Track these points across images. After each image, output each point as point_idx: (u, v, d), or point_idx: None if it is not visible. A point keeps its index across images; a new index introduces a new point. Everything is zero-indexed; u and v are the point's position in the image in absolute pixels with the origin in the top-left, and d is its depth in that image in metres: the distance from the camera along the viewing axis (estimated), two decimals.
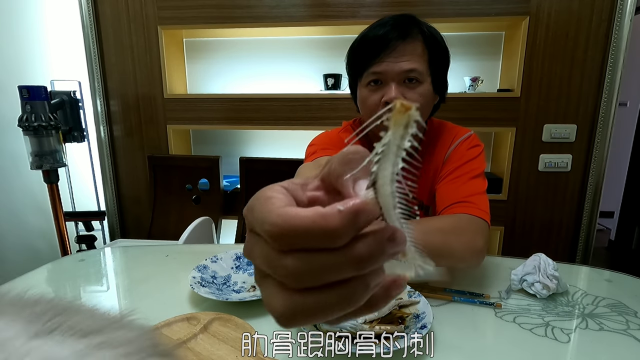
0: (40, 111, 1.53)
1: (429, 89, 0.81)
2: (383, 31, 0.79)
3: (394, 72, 0.78)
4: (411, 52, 0.78)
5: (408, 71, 0.78)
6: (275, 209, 0.17)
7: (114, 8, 1.89)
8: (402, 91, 0.79)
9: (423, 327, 0.57)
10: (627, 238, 2.70)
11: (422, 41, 0.79)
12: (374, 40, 0.80)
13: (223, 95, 1.95)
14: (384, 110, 0.18)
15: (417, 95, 0.79)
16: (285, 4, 1.77)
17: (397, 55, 0.77)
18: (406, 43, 0.78)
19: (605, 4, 1.60)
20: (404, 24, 0.79)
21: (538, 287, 0.72)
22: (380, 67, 0.78)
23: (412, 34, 0.78)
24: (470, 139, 0.91)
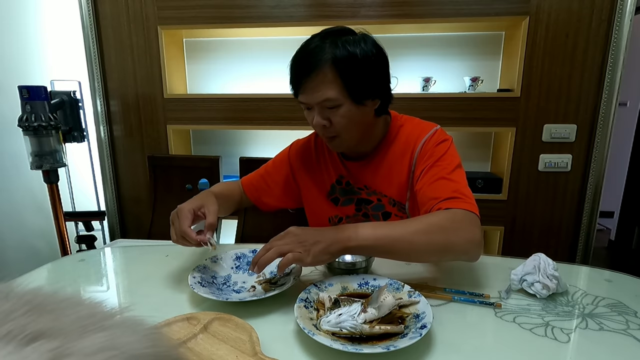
0: (40, 111, 1.53)
1: (350, 108, 0.83)
2: (299, 62, 0.84)
3: (312, 103, 0.84)
4: (321, 83, 0.81)
5: (322, 102, 0.82)
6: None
7: (114, 8, 1.89)
8: (325, 116, 0.84)
9: (423, 327, 0.57)
10: (627, 238, 2.70)
11: (332, 68, 0.80)
12: (292, 77, 0.85)
13: (223, 95, 1.95)
14: None
15: (339, 118, 0.84)
16: (285, 4, 1.77)
17: (309, 90, 0.82)
18: (313, 77, 0.81)
19: (605, 4, 1.61)
20: (313, 54, 0.81)
21: (538, 287, 0.72)
22: (302, 99, 0.85)
23: (319, 64, 0.80)
24: (436, 134, 0.92)
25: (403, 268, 0.86)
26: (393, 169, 0.94)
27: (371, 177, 0.96)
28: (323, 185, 1.02)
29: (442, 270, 0.86)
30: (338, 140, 0.89)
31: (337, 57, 0.79)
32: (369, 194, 0.97)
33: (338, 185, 1.01)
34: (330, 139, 0.89)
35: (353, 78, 0.81)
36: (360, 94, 0.83)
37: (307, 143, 1.06)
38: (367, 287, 0.73)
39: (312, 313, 0.65)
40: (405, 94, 1.78)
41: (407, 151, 0.93)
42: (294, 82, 0.86)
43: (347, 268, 0.78)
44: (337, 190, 1.01)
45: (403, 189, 0.94)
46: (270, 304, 0.70)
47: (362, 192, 0.98)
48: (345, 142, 0.89)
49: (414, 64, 1.91)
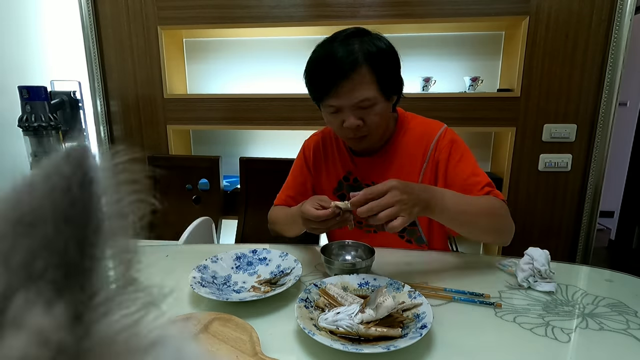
0: (40, 111, 1.53)
1: (382, 105, 0.85)
2: (329, 65, 0.82)
3: (347, 105, 0.83)
4: (359, 83, 0.81)
5: (360, 102, 0.82)
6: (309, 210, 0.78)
7: (114, 8, 1.89)
8: (359, 116, 0.84)
9: (423, 327, 0.57)
10: (627, 238, 2.70)
11: (368, 67, 0.81)
12: (323, 75, 0.83)
13: (223, 95, 1.95)
14: None
15: (373, 116, 0.85)
16: (285, 4, 1.77)
17: (345, 92, 0.81)
18: (353, 76, 0.80)
19: (605, 4, 1.60)
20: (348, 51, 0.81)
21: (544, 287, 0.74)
22: (335, 101, 0.84)
23: (357, 65, 0.80)
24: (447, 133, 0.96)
25: (403, 268, 0.86)
26: (404, 164, 0.95)
27: (380, 173, 0.97)
28: (330, 182, 1.04)
29: (442, 270, 0.86)
30: (367, 139, 0.90)
31: (371, 54, 0.81)
32: None
33: (345, 182, 1.02)
34: (359, 139, 0.89)
35: (386, 75, 0.83)
36: (390, 90, 0.86)
37: (317, 142, 1.07)
38: (367, 287, 0.73)
39: (312, 313, 0.65)
40: (405, 94, 1.75)
41: (419, 148, 0.95)
42: (322, 86, 0.83)
43: (347, 268, 0.78)
44: (344, 187, 1.02)
45: None
46: (270, 304, 0.70)
47: None
48: (373, 139, 0.91)
49: (414, 64, 1.90)
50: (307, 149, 1.08)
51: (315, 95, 0.87)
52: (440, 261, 0.92)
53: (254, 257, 0.86)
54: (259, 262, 0.86)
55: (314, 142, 1.08)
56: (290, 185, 1.09)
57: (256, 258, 0.86)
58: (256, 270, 0.83)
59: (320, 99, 0.86)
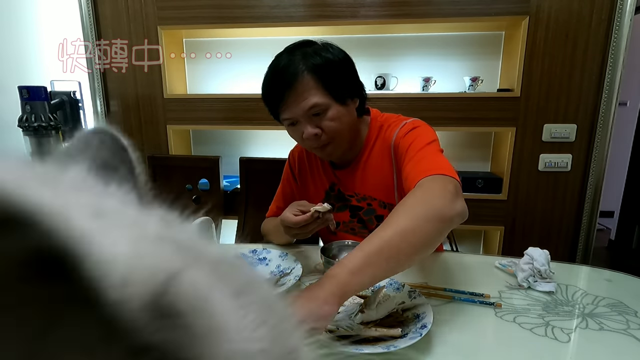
0: (40, 111, 1.53)
1: (337, 109, 0.84)
2: (274, 81, 0.86)
3: (299, 115, 0.84)
4: (303, 92, 0.82)
5: (309, 109, 0.82)
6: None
7: (114, 8, 1.89)
8: (315, 124, 0.84)
9: (423, 327, 0.57)
10: (627, 238, 2.70)
11: (311, 75, 0.82)
12: (271, 91, 0.87)
13: (223, 95, 1.95)
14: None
15: (328, 122, 0.84)
16: (285, 4, 1.77)
17: (293, 102, 0.83)
18: (295, 89, 0.82)
19: (605, 4, 1.60)
20: (287, 69, 0.83)
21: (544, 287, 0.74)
22: (287, 114, 0.85)
23: (297, 75, 0.81)
24: (405, 126, 0.89)
25: None
26: (377, 170, 0.94)
27: (359, 183, 0.96)
28: (318, 193, 1.03)
29: (442, 270, 0.86)
30: (331, 147, 0.88)
31: (312, 64, 0.82)
32: (359, 200, 0.98)
33: (331, 192, 1.02)
34: (323, 148, 0.88)
35: (332, 79, 0.83)
36: (342, 94, 0.85)
37: (301, 152, 1.07)
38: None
39: None
40: (405, 94, 1.78)
41: (385, 151, 0.93)
42: (273, 101, 0.86)
43: None
44: (331, 197, 1.02)
45: (390, 190, 0.93)
46: None
47: (352, 199, 0.98)
48: (338, 147, 0.89)
49: (414, 64, 1.90)
50: (292, 159, 1.09)
51: (271, 111, 0.90)
52: (440, 261, 0.92)
53: (254, 257, 0.86)
54: (258, 262, 0.86)
55: (298, 151, 1.08)
56: (280, 197, 1.10)
57: (256, 258, 0.86)
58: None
59: (276, 114, 0.89)
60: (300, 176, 1.06)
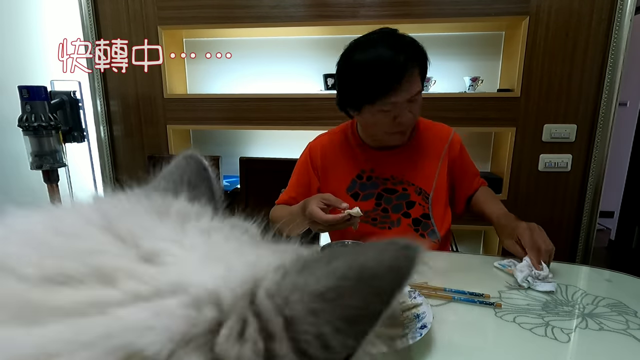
0: (40, 111, 1.53)
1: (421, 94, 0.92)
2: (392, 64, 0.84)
3: (403, 100, 0.87)
4: (415, 78, 0.87)
5: (415, 94, 0.88)
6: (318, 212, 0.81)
7: (114, 8, 1.89)
8: (410, 109, 0.90)
9: (423, 327, 0.57)
10: (627, 238, 2.70)
11: (417, 64, 0.87)
12: (385, 74, 0.85)
13: (223, 95, 1.95)
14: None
15: (417, 106, 0.91)
16: (285, 4, 1.77)
17: (407, 86, 0.86)
18: (412, 71, 0.86)
19: (605, 4, 1.60)
20: (403, 49, 0.85)
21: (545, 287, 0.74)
22: (395, 98, 0.86)
23: (412, 58, 0.86)
24: (455, 135, 1.08)
25: None
26: (423, 159, 1.02)
27: (400, 167, 1.01)
28: (343, 181, 1.04)
29: (442, 270, 0.86)
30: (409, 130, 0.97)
31: (418, 52, 0.88)
32: (395, 184, 1.02)
33: (359, 180, 1.03)
34: (403, 133, 0.95)
35: (424, 67, 0.90)
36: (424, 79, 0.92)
37: (324, 144, 1.08)
38: None
39: None
40: None
41: (436, 147, 1.03)
42: (382, 86, 0.85)
43: None
44: (357, 185, 1.03)
45: (430, 179, 1.01)
46: None
47: (387, 182, 1.02)
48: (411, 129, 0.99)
49: None
50: (314, 151, 1.08)
51: (372, 95, 0.87)
52: (440, 261, 0.92)
53: None
54: None
55: (321, 144, 1.08)
56: (294, 187, 1.09)
57: None
58: None
59: (376, 99, 0.87)
60: (322, 168, 1.06)
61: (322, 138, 1.10)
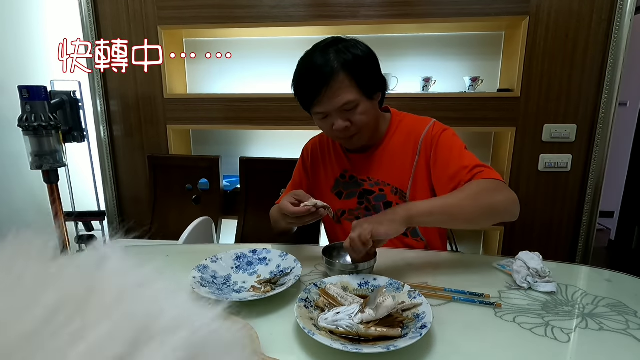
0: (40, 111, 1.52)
1: (366, 104, 0.91)
2: (310, 77, 0.89)
3: (333, 110, 0.89)
4: (338, 89, 0.87)
5: (343, 105, 0.88)
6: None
7: (114, 8, 1.89)
8: (346, 118, 0.90)
9: (423, 327, 0.57)
10: (627, 238, 2.70)
11: (345, 73, 0.87)
12: (305, 86, 0.91)
13: (223, 95, 1.95)
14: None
15: (358, 116, 0.91)
16: (285, 4, 1.77)
17: (327, 99, 0.88)
18: (331, 86, 0.87)
19: (605, 4, 1.60)
20: (323, 66, 0.87)
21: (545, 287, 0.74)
22: (320, 108, 0.91)
23: (332, 73, 0.86)
24: (435, 125, 1.00)
25: (403, 268, 0.86)
26: (396, 158, 1.01)
27: (374, 168, 1.02)
28: (328, 180, 1.09)
29: (442, 270, 0.86)
30: (357, 137, 0.95)
31: (346, 62, 0.87)
32: (372, 185, 1.03)
33: (342, 179, 1.07)
34: (350, 138, 0.95)
35: (364, 76, 0.89)
36: (371, 89, 0.91)
37: (315, 144, 1.14)
38: (367, 287, 0.73)
39: (312, 313, 0.65)
40: (405, 94, 1.78)
41: (409, 142, 1.00)
42: (307, 96, 0.91)
43: (349, 270, 0.78)
44: (340, 184, 1.07)
45: (405, 178, 1.00)
46: (270, 304, 0.70)
47: (364, 183, 1.03)
48: (364, 137, 0.96)
49: (414, 64, 1.90)
50: (306, 152, 1.15)
51: (303, 104, 0.95)
52: (440, 261, 0.92)
53: (253, 257, 0.86)
54: (258, 262, 0.86)
55: (312, 145, 1.15)
56: (291, 188, 1.15)
57: (256, 258, 0.86)
58: (256, 270, 0.84)
59: (308, 107, 0.94)
60: (312, 168, 1.13)
61: (314, 140, 1.16)
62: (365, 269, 0.78)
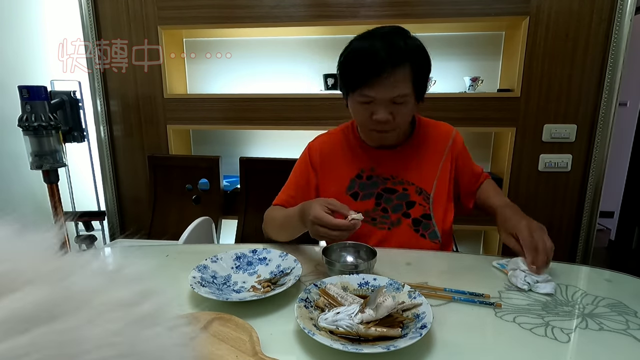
0: (40, 111, 1.53)
1: (412, 104, 0.90)
2: (374, 56, 0.83)
3: (384, 98, 0.85)
4: (400, 79, 0.84)
5: (396, 97, 0.85)
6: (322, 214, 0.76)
7: (114, 8, 1.89)
8: (390, 110, 0.87)
9: (423, 327, 0.57)
10: (627, 238, 2.70)
11: (409, 65, 0.84)
12: (365, 65, 0.84)
13: (223, 95, 1.95)
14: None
15: (402, 113, 0.89)
16: (285, 4, 1.77)
17: (387, 83, 0.84)
18: (395, 70, 0.83)
19: (605, 4, 1.60)
20: (394, 46, 0.83)
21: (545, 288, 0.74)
22: (372, 92, 0.85)
23: (401, 58, 0.83)
24: (457, 136, 1.06)
25: (403, 268, 0.86)
26: (424, 159, 1.01)
27: (400, 166, 1.01)
28: (342, 181, 1.03)
29: (442, 270, 0.86)
30: (392, 134, 0.94)
31: (415, 55, 0.85)
32: (395, 184, 1.01)
33: (358, 180, 1.02)
34: (385, 133, 0.92)
35: (423, 76, 0.88)
36: (422, 93, 0.90)
37: (324, 143, 1.07)
38: (367, 287, 0.73)
39: (312, 313, 0.65)
40: None
41: (438, 145, 1.02)
42: (362, 75, 0.85)
43: (349, 270, 0.78)
44: (356, 185, 1.02)
45: (431, 179, 1.00)
46: (270, 304, 0.70)
47: (387, 182, 1.01)
48: (396, 135, 0.96)
49: None
50: (313, 150, 1.06)
51: (352, 83, 0.87)
52: (440, 261, 0.92)
53: (253, 257, 0.86)
54: (258, 262, 0.86)
55: (321, 143, 1.07)
56: (292, 186, 1.06)
57: (256, 258, 0.86)
58: (256, 270, 0.84)
59: (356, 88, 0.87)
60: (321, 168, 1.04)
61: (321, 138, 1.08)
62: (364, 269, 0.78)
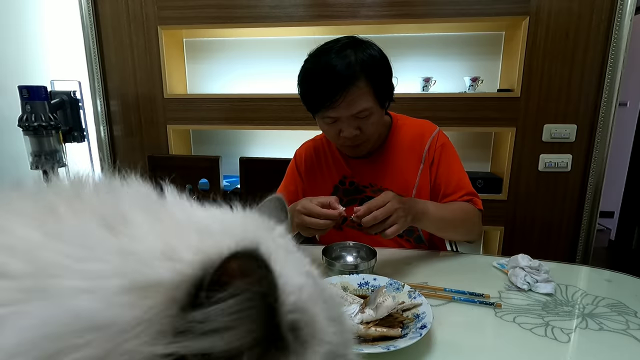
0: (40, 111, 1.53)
1: (378, 113, 0.88)
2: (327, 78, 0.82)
3: (345, 116, 0.85)
4: (359, 95, 0.82)
5: (358, 113, 0.84)
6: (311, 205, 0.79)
7: (114, 8, 1.89)
8: (356, 125, 0.87)
9: (423, 327, 0.57)
10: (627, 238, 2.70)
11: (364, 78, 0.82)
12: (320, 87, 0.84)
13: (223, 95, 1.95)
14: None
15: (369, 125, 0.88)
16: (285, 4, 1.77)
17: (346, 102, 0.82)
18: (351, 89, 0.81)
19: (605, 4, 1.60)
20: (346, 64, 0.81)
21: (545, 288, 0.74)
22: (333, 113, 0.85)
23: (355, 75, 0.81)
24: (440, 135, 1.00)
25: (403, 268, 0.86)
26: (399, 165, 0.98)
27: (377, 174, 0.99)
28: (326, 188, 1.03)
29: (442, 270, 0.86)
30: (364, 145, 0.92)
31: (368, 67, 0.82)
32: (374, 192, 0.99)
33: (341, 186, 1.02)
34: (356, 146, 0.91)
35: (381, 85, 0.85)
36: (385, 98, 0.88)
37: (309, 149, 1.08)
38: (367, 287, 0.73)
39: None
40: (405, 94, 1.78)
41: (414, 148, 0.98)
42: (320, 99, 0.84)
43: (349, 270, 0.78)
44: (340, 191, 1.02)
45: (409, 185, 0.97)
46: None
47: (367, 190, 1.00)
48: (370, 145, 0.93)
49: (414, 64, 1.90)
50: (299, 158, 1.08)
51: (312, 107, 0.88)
52: (440, 261, 0.92)
53: None
54: None
55: (305, 150, 1.08)
56: (284, 190, 1.08)
57: None
58: None
59: (317, 110, 0.87)
60: (307, 174, 1.06)
61: (306, 144, 1.10)
62: (364, 269, 0.78)
